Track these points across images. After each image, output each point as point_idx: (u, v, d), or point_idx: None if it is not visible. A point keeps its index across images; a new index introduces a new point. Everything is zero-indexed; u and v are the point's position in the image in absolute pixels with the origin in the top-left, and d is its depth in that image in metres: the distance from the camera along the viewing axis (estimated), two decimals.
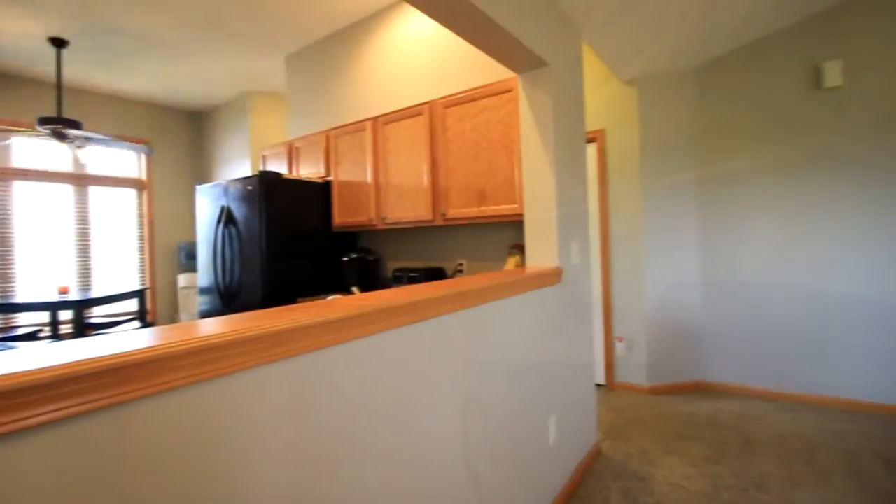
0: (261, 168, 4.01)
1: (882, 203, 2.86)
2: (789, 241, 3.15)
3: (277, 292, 3.01)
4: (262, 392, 0.78)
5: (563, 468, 2.03)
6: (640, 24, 2.71)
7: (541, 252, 2.13)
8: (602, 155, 3.53)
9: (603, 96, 3.52)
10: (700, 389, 3.42)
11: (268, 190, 3.02)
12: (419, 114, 2.89)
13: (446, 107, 2.77)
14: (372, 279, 3.26)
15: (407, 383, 1.10)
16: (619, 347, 3.44)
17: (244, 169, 5.14)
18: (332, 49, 3.81)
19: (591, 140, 3.56)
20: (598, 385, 3.53)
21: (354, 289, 3.09)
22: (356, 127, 3.21)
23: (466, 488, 1.31)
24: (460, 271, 2.91)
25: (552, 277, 2.00)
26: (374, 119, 3.10)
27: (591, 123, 3.56)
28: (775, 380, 3.20)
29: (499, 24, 1.67)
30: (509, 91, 2.56)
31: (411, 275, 2.86)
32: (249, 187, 3.05)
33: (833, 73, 2.98)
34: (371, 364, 1.00)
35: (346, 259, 3.22)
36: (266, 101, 5.23)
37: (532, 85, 2.18)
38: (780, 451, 2.41)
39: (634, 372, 3.40)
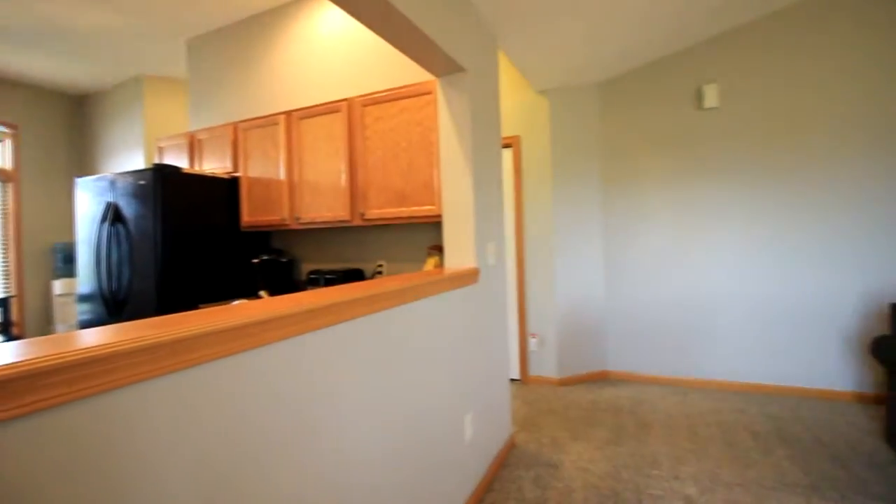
0: (156, 161, 3.63)
1: (749, 207, 3.33)
2: (678, 241, 3.54)
3: (175, 298, 2.75)
4: (150, 410, 0.70)
5: (480, 463, 2.09)
6: (550, 42, 2.88)
7: (459, 253, 2.18)
8: (518, 160, 3.69)
9: (519, 104, 3.68)
10: (604, 378, 3.72)
11: (165, 185, 2.74)
12: (337, 111, 2.81)
13: (365, 105, 2.72)
14: (285, 282, 3.10)
15: (315, 392, 1.06)
16: (533, 343, 3.63)
17: (136, 161, 4.61)
18: (242, 35, 3.56)
19: (507, 145, 3.71)
20: (514, 380, 3.69)
21: (263, 293, 2.91)
22: (268, 120, 3.04)
23: (381, 494, 1.30)
24: (380, 272, 2.88)
25: (469, 278, 2.05)
26: (289, 113, 2.95)
27: (508, 129, 3.71)
28: (666, 366, 3.58)
29: (417, 26, 1.68)
30: (428, 93, 2.58)
31: (328, 277, 2.77)
32: (142, 182, 2.75)
33: (711, 95, 3.40)
34: (274, 373, 0.95)
35: (256, 261, 3.03)
36: (164, 86, 4.75)
37: (450, 89, 2.22)
38: (669, 430, 2.70)
39: (546, 365, 3.61)
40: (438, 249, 2.52)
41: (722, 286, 3.41)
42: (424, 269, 2.54)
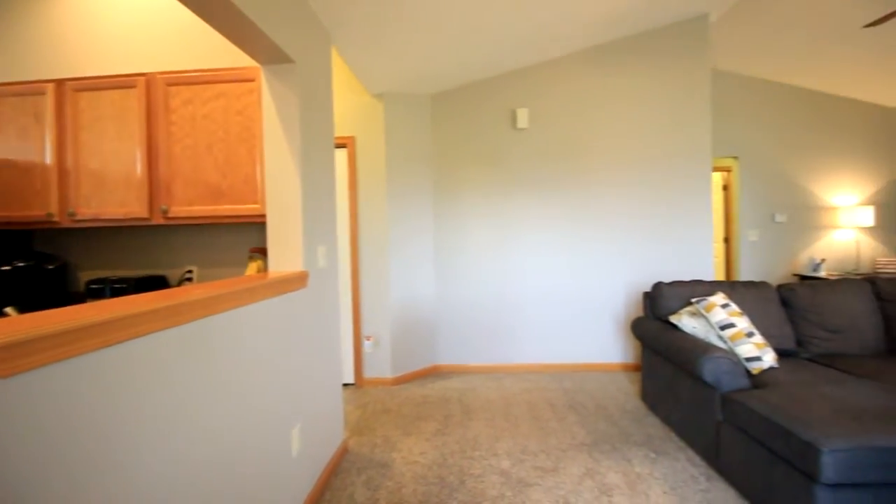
0: None
1: (549, 216, 3.93)
2: (495, 245, 3.97)
3: None
4: None
5: (310, 474, 2.00)
6: (382, 47, 2.92)
7: (285, 256, 2.04)
8: (352, 161, 3.64)
9: (354, 104, 3.64)
10: (436, 373, 3.94)
11: None
12: (132, 86, 2.36)
13: (171, 84, 2.35)
14: (53, 294, 2.46)
15: (96, 430, 0.87)
16: (367, 345, 3.63)
17: None
18: None
19: (342, 145, 3.64)
20: (348, 384, 3.64)
21: (9, 309, 2.24)
22: (30, 88, 2.38)
23: None
24: (189, 279, 2.51)
25: (297, 282, 1.94)
26: (61, 82, 2.36)
27: (343, 129, 3.63)
28: (486, 356, 3.97)
29: (235, 4, 1.51)
30: (251, 81, 2.36)
31: (116, 286, 2.29)
32: None
33: (523, 118, 3.91)
34: (38, 410, 0.74)
35: (7, 268, 2.33)
36: None
37: (277, 80, 2.06)
38: (489, 413, 3.01)
39: (381, 366, 3.65)
40: (262, 252, 2.32)
41: (529, 283, 3.95)
42: (246, 274, 2.30)
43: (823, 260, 4.82)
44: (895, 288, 2.78)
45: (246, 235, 2.54)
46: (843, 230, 4.92)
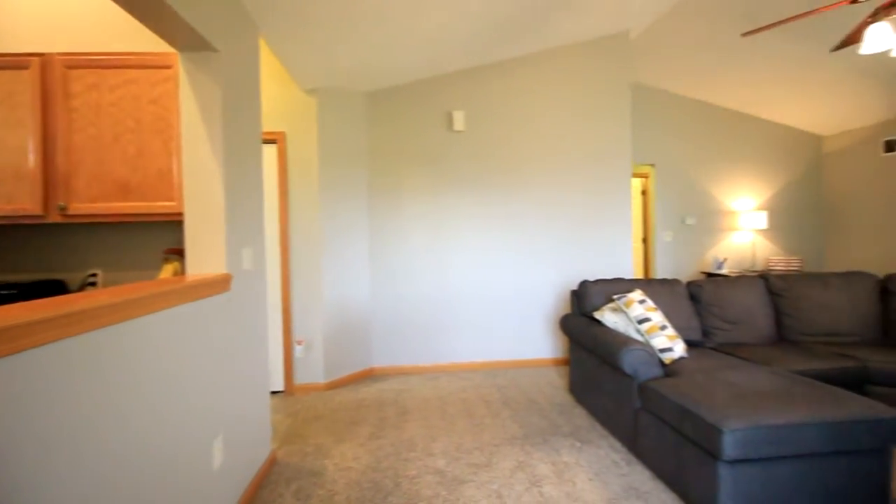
0: None
1: (485, 217, 4.01)
2: (431, 245, 3.98)
3: None
4: None
5: (234, 488, 1.88)
6: (313, 40, 2.83)
7: (205, 257, 1.91)
8: (283, 158, 3.49)
9: (285, 99, 3.49)
10: (371, 376, 3.88)
11: None
12: (24, 66, 2.11)
13: (72, 67, 2.13)
14: None
15: None
16: (298, 350, 3.49)
17: None
18: None
19: (271, 141, 3.47)
20: (277, 392, 3.48)
21: None
22: None
23: None
24: (92, 284, 2.27)
25: (220, 285, 1.82)
26: None
27: (273, 124, 3.47)
28: (423, 356, 3.98)
29: None
30: (168, 68, 2.20)
31: (2, 292, 2.03)
32: None
33: (459, 120, 3.96)
34: None
35: None
36: None
37: (197, 69, 1.92)
38: (425, 413, 3.01)
39: (313, 371, 3.53)
40: (179, 253, 2.15)
41: (463, 282, 4.02)
42: (161, 278, 2.13)
43: (726, 259, 5.36)
44: (784, 283, 3.15)
45: (160, 235, 2.34)
46: (741, 232, 5.50)
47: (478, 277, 4.03)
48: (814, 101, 4.87)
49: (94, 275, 2.27)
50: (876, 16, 2.19)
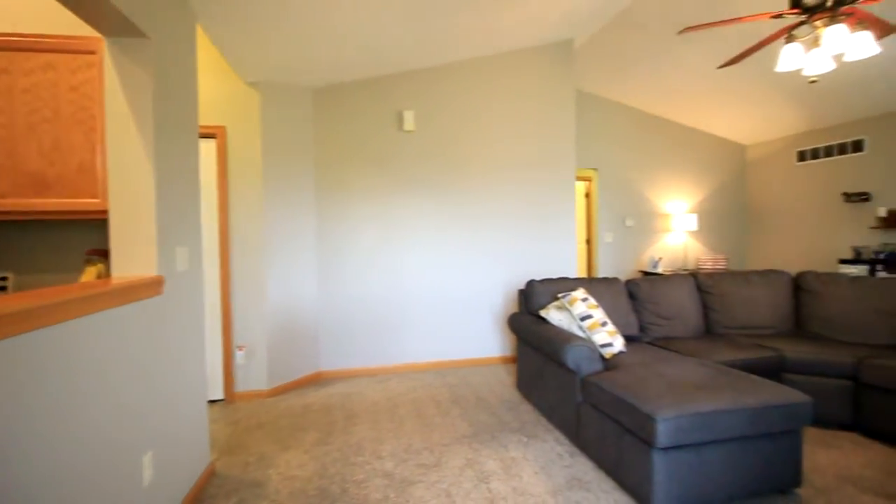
0: None
1: (434, 218, 4.02)
2: (380, 246, 3.94)
3: None
4: None
5: None
6: (255, 29, 2.72)
7: (134, 258, 1.77)
8: (223, 153, 3.32)
9: (226, 91, 3.32)
10: (318, 380, 3.78)
11: None
12: None
13: None
14: None
15: None
16: (240, 356, 3.33)
17: None
18: None
19: (210, 135, 3.29)
20: (216, 400, 3.30)
21: None
22: None
23: None
24: (2, 289, 2.05)
25: (150, 288, 1.70)
26: None
27: (211, 118, 3.29)
28: (371, 358, 3.92)
29: None
30: (91, 53, 2.04)
31: None
32: None
33: (409, 120, 3.94)
34: None
35: None
36: None
37: (125, 56, 1.79)
38: (373, 416, 2.97)
39: (255, 378, 3.38)
40: (102, 254, 1.99)
41: (413, 283, 4.01)
42: (82, 281, 1.96)
43: (661, 258, 5.70)
44: (711, 281, 3.40)
45: (82, 235, 2.16)
46: (675, 233, 5.88)
47: (429, 277, 4.03)
48: (737, 112, 5.29)
49: (3, 278, 2.05)
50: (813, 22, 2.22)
